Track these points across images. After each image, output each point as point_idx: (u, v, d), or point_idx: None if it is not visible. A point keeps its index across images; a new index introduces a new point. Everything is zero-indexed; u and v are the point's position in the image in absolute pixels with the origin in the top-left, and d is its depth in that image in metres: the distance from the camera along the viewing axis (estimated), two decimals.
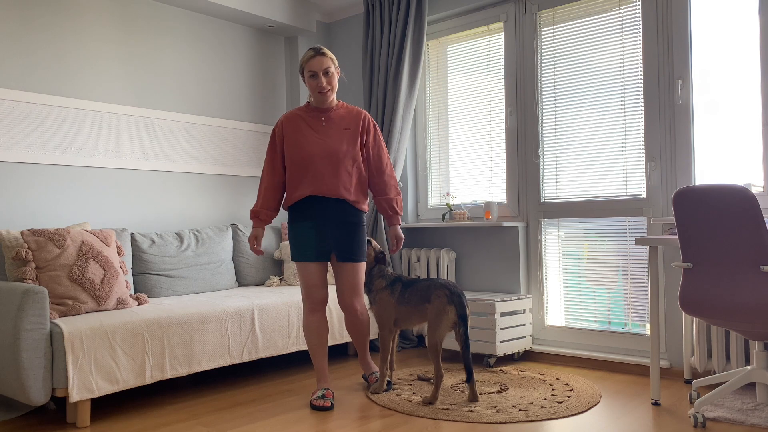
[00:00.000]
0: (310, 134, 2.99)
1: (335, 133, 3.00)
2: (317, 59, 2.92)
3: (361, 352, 3.29)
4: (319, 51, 2.94)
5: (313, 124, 3.01)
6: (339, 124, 3.02)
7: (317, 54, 2.93)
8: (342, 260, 3.02)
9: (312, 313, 3.04)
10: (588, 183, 3.73)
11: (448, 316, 2.97)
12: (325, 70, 2.94)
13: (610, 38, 3.64)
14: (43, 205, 3.47)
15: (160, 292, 3.61)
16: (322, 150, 2.96)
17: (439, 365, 2.97)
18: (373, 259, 3.21)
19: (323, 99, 2.99)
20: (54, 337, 2.68)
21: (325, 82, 2.94)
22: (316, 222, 2.99)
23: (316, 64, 2.92)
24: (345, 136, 2.99)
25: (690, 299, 2.61)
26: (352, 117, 3.06)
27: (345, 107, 3.10)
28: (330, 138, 2.98)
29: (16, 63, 3.40)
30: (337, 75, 3.02)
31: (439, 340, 2.96)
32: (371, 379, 3.27)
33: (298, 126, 3.02)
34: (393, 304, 3.12)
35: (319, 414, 2.88)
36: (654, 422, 2.67)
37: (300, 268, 3.04)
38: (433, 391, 2.98)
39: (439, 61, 4.44)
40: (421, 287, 3.08)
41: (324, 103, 3.02)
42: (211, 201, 4.27)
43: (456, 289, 2.96)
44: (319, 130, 3.00)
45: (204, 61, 4.27)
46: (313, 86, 2.96)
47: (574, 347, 3.78)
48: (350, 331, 3.20)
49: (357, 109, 3.10)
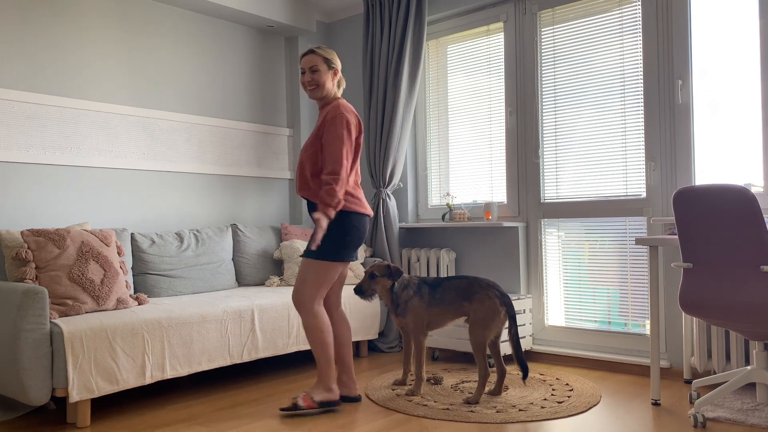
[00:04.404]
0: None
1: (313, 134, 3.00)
2: (307, 57, 2.99)
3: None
4: (311, 50, 2.99)
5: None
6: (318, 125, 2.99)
7: (309, 52, 3.00)
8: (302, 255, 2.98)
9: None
10: (588, 183, 3.73)
11: (500, 317, 3.01)
12: (312, 68, 2.97)
13: (610, 38, 3.64)
14: (43, 205, 3.47)
15: (160, 292, 3.61)
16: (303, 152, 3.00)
17: (485, 364, 2.99)
18: (388, 278, 3.11)
19: (309, 95, 3.04)
20: (54, 337, 2.68)
21: (309, 78, 2.97)
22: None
23: (304, 61, 3.00)
24: (312, 135, 2.97)
25: (690, 299, 2.61)
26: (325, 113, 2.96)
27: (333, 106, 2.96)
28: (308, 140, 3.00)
29: (16, 63, 3.40)
30: (333, 75, 3.00)
31: (486, 340, 2.99)
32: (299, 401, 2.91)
33: None
34: (424, 308, 3.11)
35: (319, 414, 2.88)
36: (654, 422, 2.67)
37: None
38: (477, 390, 2.99)
39: (439, 61, 4.44)
40: (456, 286, 3.09)
41: (313, 99, 3.05)
42: (211, 201, 4.27)
43: (502, 289, 2.98)
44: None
45: (204, 61, 4.27)
46: (301, 82, 3.05)
47: (574, 347, 3.78)
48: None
49: (335, 104, 2.97)
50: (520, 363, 2.99)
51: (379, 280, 3.10)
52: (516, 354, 3.00)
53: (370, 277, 3.10)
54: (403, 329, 3.25)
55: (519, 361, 2.99)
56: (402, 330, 3.27)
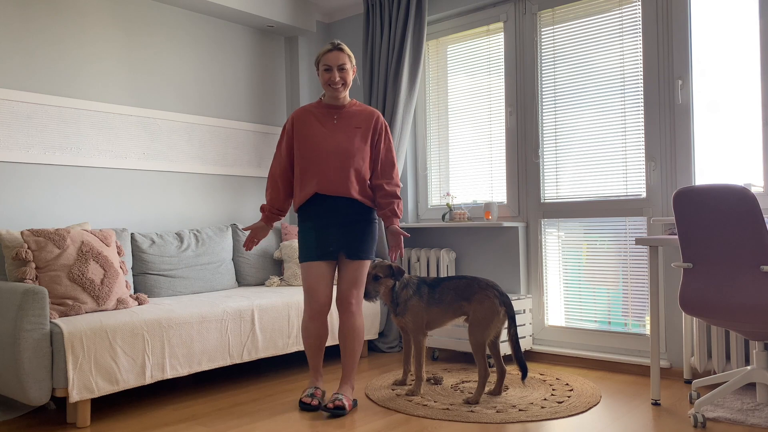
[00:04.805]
0: (320, 130, 2.94)
1: (346, 130, 2.95)
2: (334, 54, 2.90)
3: (345, 369, 3.00)
4: (337, 46, 2.92)
5: (325, 121, 2.97)
6: (350, 122, 2.97)
7: (335, 48, 2.91)
8: (351, 258, 2.94)
9: (312, 319, 2.95)
10: (588, 183, 3.73)
11: (499, 317, 3.01)
12: (340, 66, 2.90)
13: (610, 38, 3.64)
14: (43, 205, 3.47)
15: (160, 292, 3.61)
16: (332, 147, 2.91)
17: (484, 364, 2.99)
18: (391, 278, 3.12)
19: (335, 94, 2.95)
20: (54, 337, 2.68)
21: (338, 77, 2.90)
22: (322, 222, 2.94)
23: (332, 58, 2.90)
24: (356, 135, 2.94)
25: (690, 299, 2.60)
26: (364, 116, 3.00)
27: (358, 105, 3.04)
28: (340, 135, 2.93)
29: (16, 63, 3.40)
30: (353, 73, 2.98)
31: (485, 340, 2.99)
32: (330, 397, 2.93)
33: (309, 121, 2.97)
34: (423, 307, 3.11)
35: (318, 414, 2.88)
36: (654, 422, 2.67)
37: (303, 269, 2.97)
38: (477, 390, 2.99)
39: (439, 61, 4.44)
40: (456, 285, 3.09)
41: (336, 99, 2.97)
42: (211, 201, 4.27)
43: (502, 289, 2.97)
44: (329, 127, 2.95)
45: (204, 61, 4.27)
46: (326, 79, 2.92)
47: (574, 347, 3.78)
48: (343, 337, 2.97)
49: (370, 108, 3.04)
50: (519, 363, 2.99)
51: (382, 282, 3.10)
52: (515, 354, 3.00)
53: (374, 279, 3.08)
54: (402, 329, 3.25)
55: (518, 361, 2.99)
56: (402, 330, 3.27)
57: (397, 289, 3.13)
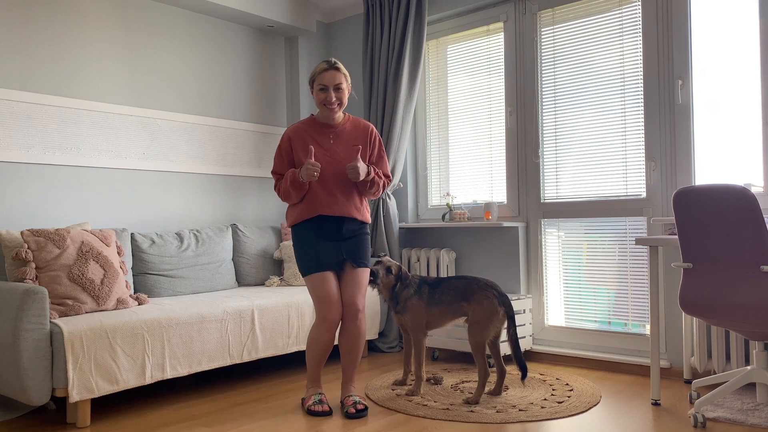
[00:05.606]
0: (319, 152, 2.90)
1: (345, 150, 2.92)
2: (330, 73, 2.85)
3: (349, 371, 3.00)
4: (334, 65, 2.87)
5: (321, 141, 2.92)
6: (347, 140, 2.94)
7: (331, 68, 2.86)
8: (358, 265, 2.96)
9: (329, 330, 2.89)
10: (588, 183, 3.73)
11: (499, 317, 3.02)
12: (336, 86, 2.86)
13: (610, 38, 3.64)
14: (43, 205, 3.47)
15: (160, 292, 3.61)
16: (335, 170, 2.89)
17: (484, 364, 3.00)
18: (394, 279, 3.15)
19: (329, 114, 2.91)
20: (54, 337, 2.68)
21: (334, 97, 2.86)
22: (325, 236, 2.92)
23: (328, 77, 2.85)
24: (356, 154, 2.88)
25: (690, 299, 2.61)
26: (359, 132, 2.98)
27: (351, 121, 3.01)
28: (340, 156, 2.91)
29: (16, 63, 3.40)
30: (348, 91, 2.94)
31: (485, 340, 3.00)
32: (347, 402, 2.91)
33: (306, 142, 2.91)
34: (423, 307, 3.12)
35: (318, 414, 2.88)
36: (654, 422, 2.67)
37: (314, 280, 2.89)
38: (477, 390, 2.99)
39: (439, 61, 4.44)
40: (455, 286, 3.10)
41: (330, 118, 2.94)
42: (211, 201, 4.27)
43: (501, 289, 2.98)
44: (327, 148, 2.91)
45: (204, 61, 4.27)
46: (321, 99, 2.88)
47: (574, 347, 3.78)
48: (349, 341, 2.94)
49: (363, 122, 3.02)
50: (519, 363, 2.99)
51: (390, 278, 3.14)
52: (515, 354, 3.00)
53: (387, 271, 3.14)
54: (402, 327, 3.25)
55: (518, 361, 2.99)
56: (401, 328, 3.27)
57: (398, 288, 3.15)
